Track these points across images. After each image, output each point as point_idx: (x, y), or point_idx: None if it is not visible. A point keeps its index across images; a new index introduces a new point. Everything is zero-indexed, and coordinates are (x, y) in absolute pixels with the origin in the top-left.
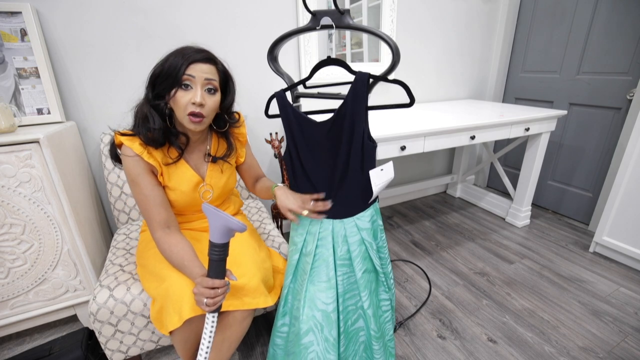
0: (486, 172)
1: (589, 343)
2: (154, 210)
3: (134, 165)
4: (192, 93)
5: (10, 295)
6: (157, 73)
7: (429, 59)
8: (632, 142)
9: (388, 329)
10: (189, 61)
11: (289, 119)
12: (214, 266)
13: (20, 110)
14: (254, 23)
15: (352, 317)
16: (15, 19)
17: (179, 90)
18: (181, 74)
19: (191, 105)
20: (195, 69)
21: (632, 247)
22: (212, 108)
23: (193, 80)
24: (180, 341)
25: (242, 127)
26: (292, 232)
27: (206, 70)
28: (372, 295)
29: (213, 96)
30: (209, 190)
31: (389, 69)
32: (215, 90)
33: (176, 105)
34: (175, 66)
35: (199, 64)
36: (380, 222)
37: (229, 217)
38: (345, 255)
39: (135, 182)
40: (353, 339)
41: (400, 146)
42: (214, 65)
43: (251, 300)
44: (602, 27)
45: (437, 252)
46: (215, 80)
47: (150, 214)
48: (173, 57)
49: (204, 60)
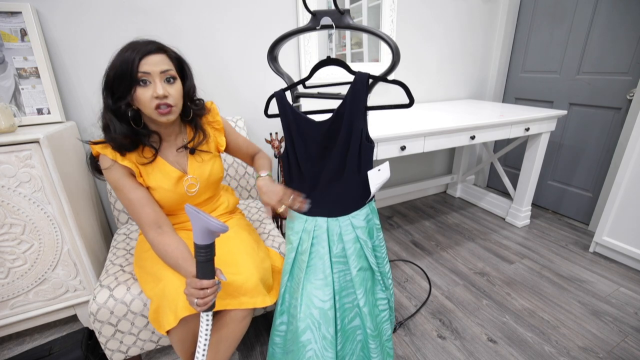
0: (486, 172)
1: (589, 343)
2: (142, 212)
3: (112, 171)
4: (151, 88)
5: (10, 295)
6: (112, 76)
7: (429, 59)
8: (632, 142)
9: (386, 328)
10: (140, 55)
11: (288, 119)
12: (201, 267)
13: (20, 110)
14: (254, 23)
15: (349, 315)
16: (15, 19)
17: (138, 88)
18: (135, 72)
19: (154, 100)
20: (148, 63)
21: (632, 247)
22: (177, 96)
23: (149, 76)
24: (178, 341)
25: (216, 115)
26: (288, 230)
27: (159, 62)
28: (368, 293)
29: (174, 85)
30: (194, 183)
31: (389, 69)
32: (174, 78)
33: (140, 103)
34: (127, 65)
35: (151, 56)
36: (376, 221)
37: (209, 219)
38: (341, 253)
39: (118, 188)
40: (350, 338)
41: (400, 146)
42: (165, 54)
43: (249, 299)
44: (602, 27)
45: (437, 252)
46: (171, 69)
47: (139, 216)
48: (123, 56)
49: (155, 51)
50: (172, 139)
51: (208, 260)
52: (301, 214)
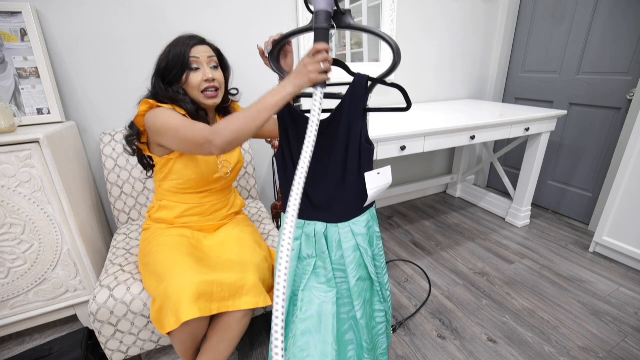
0: (486, 172)
1: (589, 343)
2: (198, 125)
3: (169, 111)
4: (201, 72)
5: (10, 295)
6: (164, 65)
7: (429, 59)
8: (632, 142)
9: (381, 342)
10: (190, 46)
11: (284, 116)
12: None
13: (20, 110)
14: (254, 23)
15: (343, 326)
16: (15, 19)
17: (190, 73)
18: (188, 58)
19: (204, 83)
20: (197, 50)
21: (632, 247)
22: (221, 81)
23: (199, 61)
24: (179, 342)
25: (238, 109)
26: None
27: (205, 50)
28: (366, 305)
29: (218, 71)
30: (227, 166)
31: (390, 69)
32: (217, 66)
33: (190, 87)
34: (179, 53)
35: (198, 46)
36: (377, 228)
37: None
38: (340, 261)
39: (171, 118)
40: (342, 353)
41: (400, 146)
42: (208, 46)
43: (250, 299)
44: (602, 27)
45: (437, 252)
46: (214, 57)
47: (196, 127)
48: (174, 47)
49: (200, 43)
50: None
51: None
52: (298, 219)
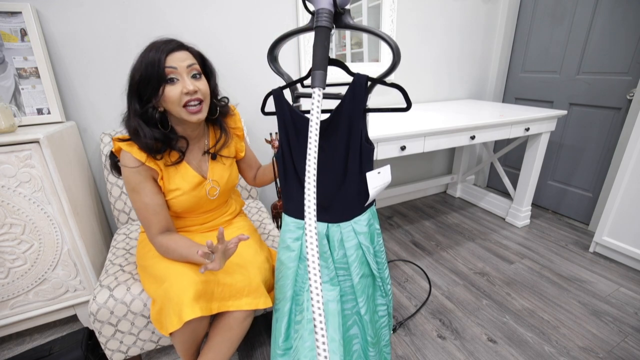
0: (486, 172)
1: (589, 343)
2: (154, 219)
3: (135, 173)
4: (180, 84)
5: (10, 295)
6: (137, 79)
7: (429, 59)
8: (632, 142)
9: (384, 334)
10: (165, 54)
11: (285, 117)
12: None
13: (20, 110)
14: (254, 23)
15: (347, 322)
16: (15, 19)
17: (167, 86)
18: (162, 69)
19: (185, 96)
20: (173, 59)
21: (632, 247)
22: (205, 91)
23: (176, 72)
24: (180, 342)
25: (238, 122)
26: (285, 241)
27: (184, 58)
28: (369, 300)
29: (200, 80)
30: (215, 187)
31: (390, 69)
32: (199, 74)
33: (168, 102)
34: (153, 64)
35: (175, 53)
36: (377, 225)
37: None
38: (342, 260)
39: (136, 191)
40: (347, 347)
41: (400, 146)
42: (187, 51)
43: (252, 300)
44: (602, 27)
45: (437, 252)
46: (196, 64)
47: (149, 222)
48: (147, 57)
49: (178, 48)
50: (196, 141)
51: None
52: (298, 219)
